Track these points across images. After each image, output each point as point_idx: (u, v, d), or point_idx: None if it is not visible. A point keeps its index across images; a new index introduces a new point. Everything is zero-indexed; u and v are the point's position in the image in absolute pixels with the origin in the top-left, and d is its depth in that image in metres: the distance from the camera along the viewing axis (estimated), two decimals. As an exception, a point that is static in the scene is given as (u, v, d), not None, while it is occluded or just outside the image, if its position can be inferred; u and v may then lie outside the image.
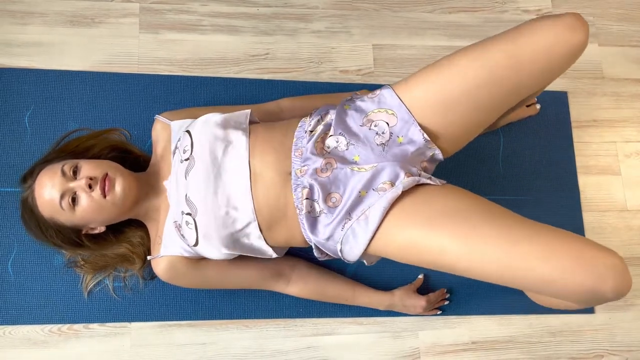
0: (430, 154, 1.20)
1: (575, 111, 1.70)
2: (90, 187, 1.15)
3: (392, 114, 1.16)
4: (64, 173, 1.17)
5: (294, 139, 1.18)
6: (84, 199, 1.16)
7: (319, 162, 1.13)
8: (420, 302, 1.45)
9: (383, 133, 1.16)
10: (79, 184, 1.16)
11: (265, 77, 1.59)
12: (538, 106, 1.65)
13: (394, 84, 1.20)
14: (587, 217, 1.63)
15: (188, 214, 1.16)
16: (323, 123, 1.19)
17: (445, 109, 1.14)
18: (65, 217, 1.18)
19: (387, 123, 1.16)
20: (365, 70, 1.64)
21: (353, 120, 1.18)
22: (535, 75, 1.12)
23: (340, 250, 1.15)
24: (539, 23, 1.10)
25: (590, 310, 1.56)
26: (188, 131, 1.22)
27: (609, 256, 0.98)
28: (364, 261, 1.22)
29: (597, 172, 1.66)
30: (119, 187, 1.17)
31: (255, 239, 1.19)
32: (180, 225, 1.20)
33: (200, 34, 1.60)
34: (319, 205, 1.12)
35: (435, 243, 1.05)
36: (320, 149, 1.15)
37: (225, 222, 1.15)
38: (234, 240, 1.18)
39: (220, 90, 1.56)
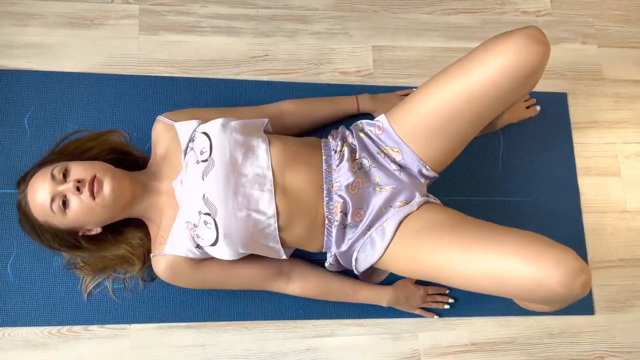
0: (430, 176, 1.31)
1: (575, 112, 1.70)
2: (78, 189, 1.16)
3: (398, 151, 1.28)
4: (53, 177, 1.17)
5: (324, 157, 1.28)
6: (73, 202, 1.16)
7: (350, 179, 1.23)
8: (419, 291, 1.47)
9: (395, 163, 1.28)
10: (67, 187, 1.17)
11: (265, 78, 1.60)
12: (538, 107, 1.65)
13: (388, 114, 1.30)
14: (587, 219, 1.63)
15: (207, 214, 1.17)
16: (347, 144, 1.29)
17: (426, 138, 1.24)
18: (58, 220, 1.18)
19: (395, 158, 1.29)
20: (365, 71, 1.64)
21: (371, 148, 1.30)
22: (498, 99, 1.17)
23: (356, 259, 1.27)
24: (489, 48, 1.13)
25: (590, 312, 1.56)
26: (206, 133, 1.23)
27: (558, 251, 1.02)
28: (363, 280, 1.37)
29: (597, 173, 1.67)
30: (107, 188, 1.17)
31: (272, 241, 1.24)
32: (196, 225, 1.20)
33: (199, 36, 1.60)
34: (348, 219, 1.24)
35: (436, 254, 1.16)
36: (352, 168, 1.25)
37: (247, 224, 1.19)
38: (253, 240, 1.21)
39: (220, 92, 1.56)
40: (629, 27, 1.79)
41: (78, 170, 1.18)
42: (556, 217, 1.60)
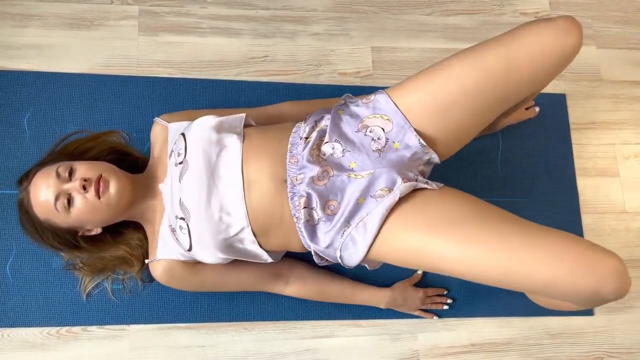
0: (427, 158, 1.20)
1: (574, 113, 1.70)
2: (84, 188, 1.15)
3: (388, 119, 1.16)
4: (58, 175, 1.17)
5: (289, 146, 1.17)
6: (78, 201, 1.16)
7: (315, 170, 1.12)
8: (419, 293, 1.46)
9: (379, 139, 1.16)
10: (74, 185, 1.16)
11: (264, 79, 1.60)
12: (537, 109, 1.65)
13: (388, 89, 1.20)
14: (586, 219, 1.63)
15: (182, 218, 1.16)
16: (317, 129, 1.18)
17: (441, 114, 1.14)
18: (61, 218, 1.18)
19: (383, 129, 1.16)
20: (364, 72, 1.64)
21: (348, 126, 1.18)
22: (530, 79, 1.13)
23: (340, 257, 1.15)
24: (532, 27, 1.10)
25: (589, 313, 1.56)
26: (183, 134, 1.22)
27: (610, 258, 0.98)
28: (366, 265, 1.22)
29: (596, 174, 1.67)
30: (113, 188, 1.17)
31: (250, 244, 1.18)
32: (174, 229, 1.19)
33: (199, 37, 1.60)
34: (317, 213, 1.12)
35: (435, 249, 1.06)
36: (317, 156, 1.15)
37: (219, 228, 1.14)
38: (227, 245, 1.17)
39: (219, 93, 1.56)
40: (627, 28, 1.79)
41: (84, 169, 1.18)
42: (555, 218, 1.60)
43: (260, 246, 1.19)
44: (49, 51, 1.54)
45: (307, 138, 1.17)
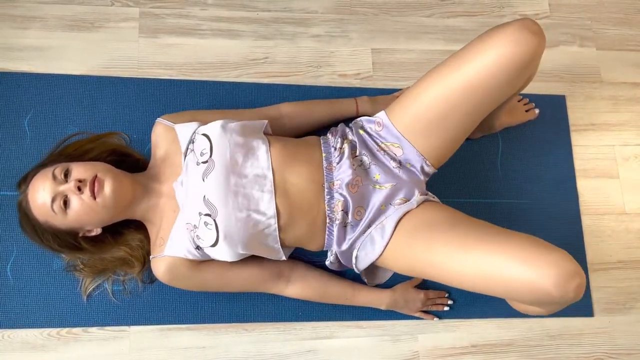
0: (429, 172, 1.32)
1: (573, 115, 1.70)
2: (79, 189, 1.16)
3: (398, 146, 1.28)
4: (54, 177, 1.18)
5: (324, 154, 1.28)
6: (74, 202, 1.17)
7: (350, 178, 1.23)
8: (420, 295, 1.47)
9: (395, 159, 1.28)
10: (69, 187, 1.17)
11: (265, 81, 1.60)
12: (537, 110, 1.65)
13: (388, 109, 1.30)
14: (586, 221, 1.63)
15: (207, 214, 1.18)
16: (347, 142, 1.29)
17: (429, 130, 1.24)
18: (59, 220, 1.18)
19: (395, 154, 1.29)
20: (364, 74, 1.65)
21: (370, 144, 1.30)
22: (496, 90, 1.17)
23: (356, 257, 1.27)
24: (487, 39, 1.13)
25: (589, 313, 1.56)
26: (206, 135, 1.24)
27: (553, 253, 1.02)
28: (365, 279, 1.38)
29: (596, 176, 1.67)
30: (108, 188, 1.18)
31: (272, 241, 1.25)
32: (196, 226, 1.20)
33: (199, 38, 1.60)
34: (349, 217, 1.24)
35: (432, 253, 1.17)
36: (352, 165, 1.25)
37: (247, 224, 1.19)
38: (253, 241, 1.21)
39: (219, 94, 1.57)
40: (627, 29, 1.80)
41: (79, 170, 1.18)
42: (555, 219, 1.60)
43: (280, 244, 1.26)
44: (50, 53, 1.54)
45: (340, 148, 1.28)
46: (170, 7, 1.62)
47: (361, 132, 1.32)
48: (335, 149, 1.28)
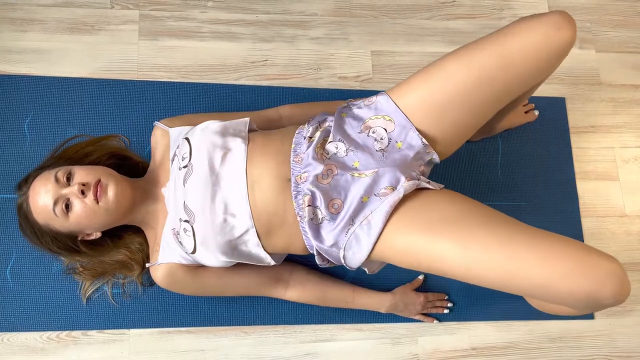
0: (428, 158, 1.21)
1: (573, 117, 1.70)
2: (82, 193, 1.15)
3: (390, 120, 1.17)
4: (57, 179, 1.17)
5: (292, 145, 1.18)
6: (77, 205, 1.16)
7: (319, 168, 1.12)
8: (419, 298, 1.46)
9: (382, 139, 1.17)
10: (72, 190, 1.16)
11: (264, 83, 1.60)
12: (536, 112, 1.65)
13: (389, 90, 1.21)
14: (586, 223, 1.63)
15: (186, 221, 1.16)
16: (321, 130, 1.19)
17: (438, 113, 1.15)
18: (60, 223, 1.18)
19: (385, 129, 1.17)
20: (364, 76, 1.65)
21: (351, 127, 1.19)
22: (525, 75, 1.13)
23: (344, 257, 1.15)
24: (525, 23, 1.10)
25: (589, 316, 1.56)
26: (187, 138, 1.22)
27: (608, 262, 0.97)
28: (366, 269, 1.23)
29: (596, 178, 1.67)
30: (111, 192, 1.17)
31: (254, 246, 1.19)
32: (178, 232, 1.20)
33: (199, 41, 1.61)
34: (322, 212, 1.12)
35: (435, 249, 1.05)
36: (321, 155, 1.15)
37: (224, 230, 1.15)
38: (232, 247, 1.17)
39: (219, 97, 1.57)
40: (626, 32, 1.80)
41: (82, 174, 1.18)
42: (555, 222, 1.60)
43: (264, 248, 1.19)
44: (50, 55, 1.54)
45: (310, 138, 1.18)
46: (170, 9, 1.62)
47: (343, 115, 1.21)
48: (304, 138, 1.19)
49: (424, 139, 1.16)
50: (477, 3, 1.76)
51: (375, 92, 1.59)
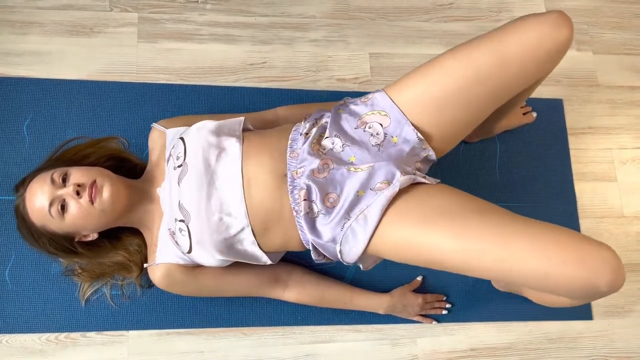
0: (424, 155, 1.21)
1: (571, 118, 1.71)
2: (78, 193, 1.16)
3: (385, 115, 1.18)
4: (53, 181, 1.17)
5: (289, 141, 1.19)
6: (72, 206, 1.16)
7: (315, 163, 1.13)
8: (418, 299, 1.46)
9: (377, 134, 1.17)
10: (67, 191, 1.16)
11: (263, 85, 1.60)
12: (534, 114, 1.66)
13: (385, 87, 1.22)
14: (584, 224, 1.63)
15: (181, 220, 1.16)
16: (318, 126, 1.19)
17: (436, 109, 1.16)
18: (56, 224, 1.18)
19: (381, 124, 1.18)
20: (362, 78, 1.65)
21: (347, 123, 1.20)
22: (522, 73, 1.13)
23: (340, 252, 1.14)
24: (524, 21, 1.11)
25: (588, 317, 1.56)
26: (182, 138, 1.23)
27: (603, 250, 0.98)
28: (360, 265, 1.22)
29: (594, 179, 1.67)
30: (106, 193, 1.17)
31: (249, 245, 1.19)
32: (174, 232, 1.20)
33: (198, 43, 1.61)
34: (317, 206, 1.12)
35: (431, 240, 1.06)
36: (317, 150, 1.16)
37: (219, 228, 1.15)
38: (227, 246, 1.17)
39: (217, 99, 1.57)
40: (623, 33, 1.81)
41: (78, 175, 1.18)
42: (553, 222, 1.59)
43: (260, 247, 1.19)
44: (49, 58, 1.54)
45: (307, 134, 1.18)
46: (168, 12, 1.62)
47: (340, 111, 1.22)
48: (301, 134, 1.19)
49: (419, 134, 1.17)
50: (474, 5, 1.77)
51: (373, 94, 1.61)
